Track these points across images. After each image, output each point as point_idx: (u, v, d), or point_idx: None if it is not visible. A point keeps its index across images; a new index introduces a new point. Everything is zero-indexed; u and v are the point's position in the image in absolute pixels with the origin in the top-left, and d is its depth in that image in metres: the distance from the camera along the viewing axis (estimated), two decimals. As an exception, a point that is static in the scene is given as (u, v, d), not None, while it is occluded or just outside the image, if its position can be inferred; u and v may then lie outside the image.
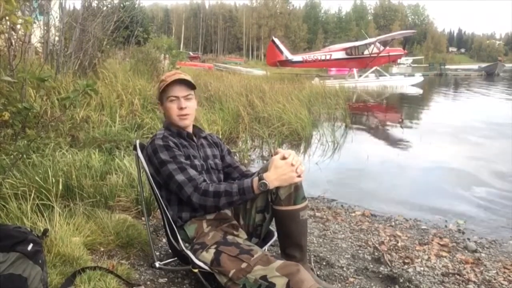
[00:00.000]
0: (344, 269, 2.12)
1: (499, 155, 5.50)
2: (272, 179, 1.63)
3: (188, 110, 1.84)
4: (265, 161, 4.60)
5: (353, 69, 19.73)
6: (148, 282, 1.84)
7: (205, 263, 1.57)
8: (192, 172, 1.72)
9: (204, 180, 1.72)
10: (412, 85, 19.05)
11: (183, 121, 1.85)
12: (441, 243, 2.59)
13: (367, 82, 18.40)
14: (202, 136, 2.00)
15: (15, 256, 1.36)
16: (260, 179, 1.63)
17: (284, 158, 1.68)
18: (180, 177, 1.69)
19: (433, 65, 38.58)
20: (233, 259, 1.50)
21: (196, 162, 1.82)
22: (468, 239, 2.76)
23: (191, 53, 45.84)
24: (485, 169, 4.74)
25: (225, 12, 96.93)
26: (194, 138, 1.93)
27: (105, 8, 6.56)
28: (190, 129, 1.92)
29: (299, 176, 1.70)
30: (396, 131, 7.88)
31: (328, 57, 20.14)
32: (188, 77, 1.86)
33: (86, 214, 2.28)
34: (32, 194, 2.22)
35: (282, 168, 1.64)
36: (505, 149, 5.81)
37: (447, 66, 39.07)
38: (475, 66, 48.46)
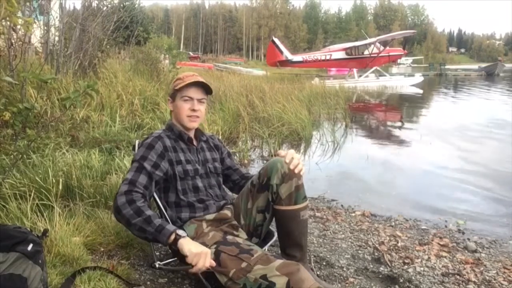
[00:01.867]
0: (344, 269, 2.12)
1: (499, 156, 5.49)
2: (189, 240, 1.50)
3: (199, 113, 1.86)
4: (265, 161, 4.60)
5: (353, 69, 19.73)
6: (148, 282, 1.84)
7: (205, 263, 1.57)
8: (142, 179, 1.66)
9: (143, 194, 1.63)
10: (412, 85, 19.06)
11: (192, 122, 1.86)
12: (441, 243, 2.59)
13: (367, 82, 18.39)
14: (203, 140, 2.01)
15: (15, 256, 1.36)
16: (180, 234, 1.50)
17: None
18: (129, 175, 1.67)
19: (433, 65, 38.62)
20: (233, 259, 1.50)
21: (189, 167, 1.82)
22: (468, 239, 2.76)
23: (191, 53, 45.93)
24: (485, 169, 4.74)
25: (225, 12, 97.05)
26: (195, 142, 1.93)
27: (105, 8, 6.56)
28: (192, 133, 1.93)
29: (299, 174, 1.71)
30: (396, 131, 7.88)
31: (328, 57, 20.15)
32: (206, 81, 1.87)
33: (86, 214, 2.29)
34: (32, 194, 2.22)
35: (200, 249, 1.48)
36: (505, 150, 5.81)
37: (447, 66, 39.15)
38: (475, 66, 48.59)
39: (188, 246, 1.47)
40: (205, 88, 1.87)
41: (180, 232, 1.51)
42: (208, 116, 5.83)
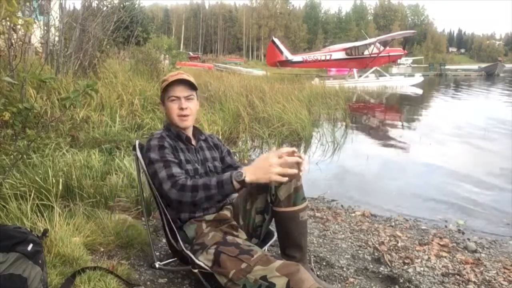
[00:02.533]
0: (344, 269, 2.12)
1: (499, 156, 5.50)
2: (249, 172, 1.53)
3: (188, 110, 1.84)
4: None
5: (353, 70, 19.74)
6: (148, 282, 1.84)
7: (205, 263, 1.57)
8: (175, 170, 1.68)
9: (185, 177, 1.67)
10: (412, 86, 19.07)
11: (183, 122, 1.85)
12: (441, 243, 2.59)
13: (367, 82, 18.40)
14: (202, 139, 2.00)
15: (15, 257, 1.36)
16: (238, 175, 1.54)
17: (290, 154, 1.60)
18: (162, 174, 1.67)
19: (433, 66, 38.61)
20: (233, 260, 1.50)
21: (188, 167, 1.81)
22: (468, 239, 2.76)
23: (191, 53, 45.96)
24: (485, 169, 4.74)
25: (225, 12, 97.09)
26: (193, 141, 1.93)
27: (105, 8, 6.56)
28: (190, 132, 1.92)
29: (298, 175, 1.70)
30: (395, 132, 7.88)
31: (328, 57, 20.16)
32: (190, 78, 1.85)
33: (86, 215, 2.28)
34: (32, 194, 2.22)
35: (259, 162, 1.57)
36: (505, 150, 5.81)
37: (447, 67, 39.12)
38: (475, 66, 48.56)
39: (254, 171, 1.51)
40: (191, 85, 1.85)
41: (235, 174, 1.53)
42: (208, 116, 5.83)
